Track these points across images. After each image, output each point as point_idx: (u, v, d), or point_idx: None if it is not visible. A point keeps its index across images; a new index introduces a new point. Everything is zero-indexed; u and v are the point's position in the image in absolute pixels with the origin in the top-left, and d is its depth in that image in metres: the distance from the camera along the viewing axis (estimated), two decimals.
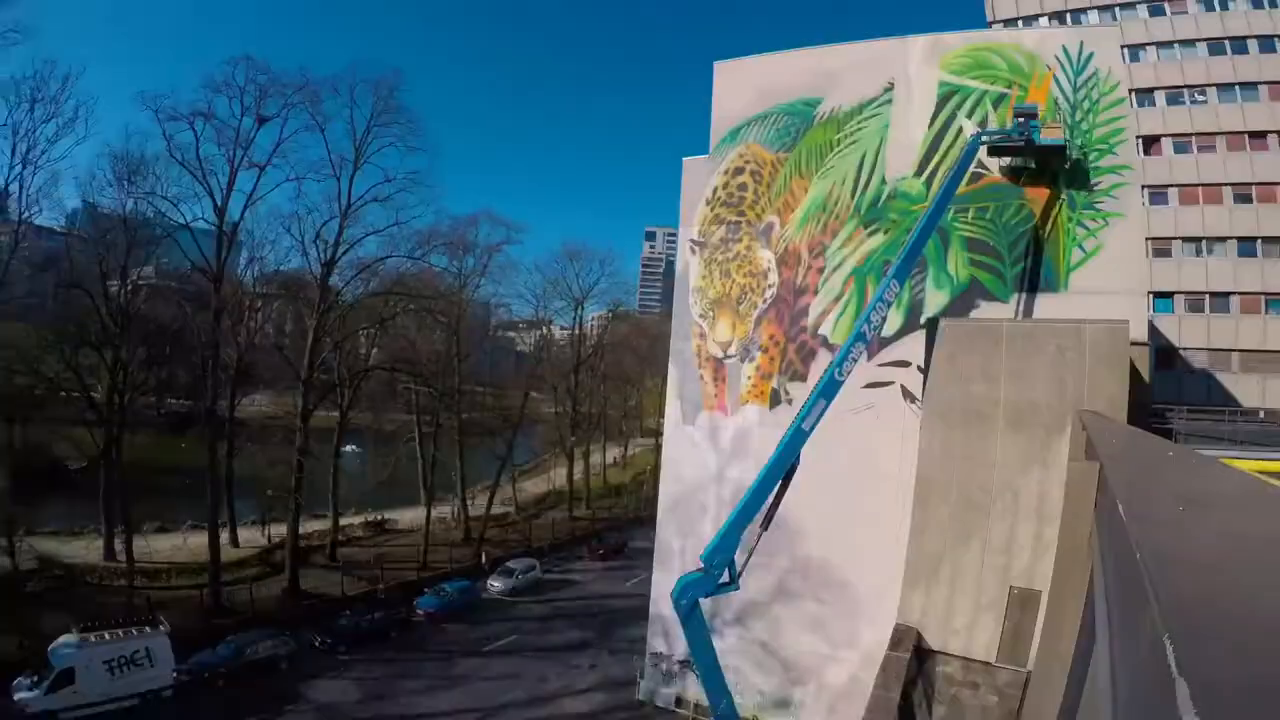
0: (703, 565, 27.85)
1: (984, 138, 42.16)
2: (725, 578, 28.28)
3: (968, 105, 45.27)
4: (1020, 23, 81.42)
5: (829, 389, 31.24)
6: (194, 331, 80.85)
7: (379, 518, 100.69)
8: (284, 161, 79.28)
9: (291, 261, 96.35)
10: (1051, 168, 43.00)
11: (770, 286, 50.26)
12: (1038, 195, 43.01)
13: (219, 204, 73.69)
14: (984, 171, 44.15)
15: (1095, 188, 42.19)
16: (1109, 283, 40.55)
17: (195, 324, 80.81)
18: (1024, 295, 42.73)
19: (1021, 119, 42.16)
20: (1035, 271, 42.62)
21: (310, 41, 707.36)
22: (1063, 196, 42.42)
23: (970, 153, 41.72)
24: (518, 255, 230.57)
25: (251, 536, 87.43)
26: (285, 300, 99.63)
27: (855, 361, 32.93)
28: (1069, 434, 33.05)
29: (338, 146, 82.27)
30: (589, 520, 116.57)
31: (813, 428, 30.39)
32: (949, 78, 45.85)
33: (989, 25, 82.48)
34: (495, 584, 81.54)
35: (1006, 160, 43.89)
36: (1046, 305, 41.88)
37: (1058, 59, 43.69)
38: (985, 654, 35.83)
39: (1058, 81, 43.43)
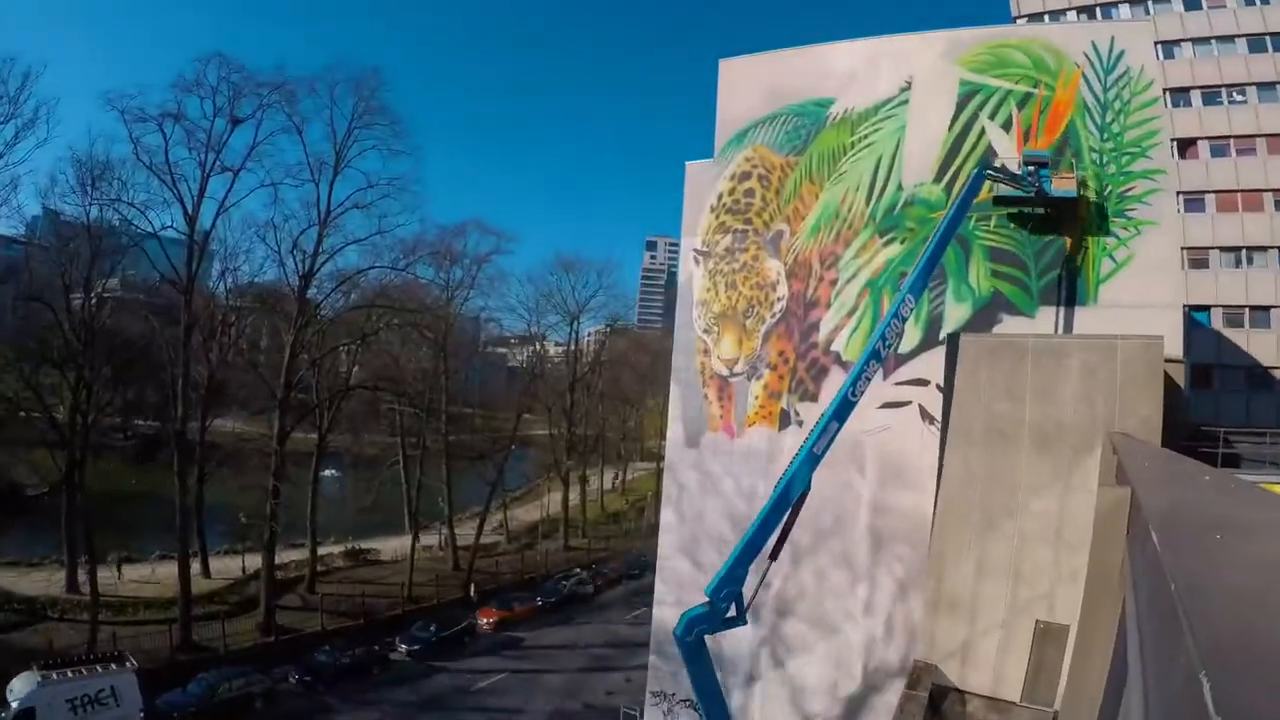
0: (708, 599, 27.46)
1: (988, 171, 41.24)
2: (732, 612, 27.90)
3: (990, 105, 44.79)
4: (1046, 17, 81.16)
5: (842, 411, 30.92)
6: (163, 348, 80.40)
7: (360, 547, 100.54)
8: (259, 166, 79.40)
9: (267, 273, 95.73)
10: (1064, 218, 42.64)
11: (779, 299, 49.90)
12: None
13: (189, 211, 73.80)
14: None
15: (1127, 194, 41.66)
16: (1142, 295, 40.15)
17: (164, 340, 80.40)
18: (1050, 309, 42.35)
19: (1032, 167, 41.91)
20: (1062, 284, 42.30)
21: (289, 40, 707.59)
22: (1092, 203, 42.19)
23: (974, 187, 40.38)
24: (509, 266, 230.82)
25: (224, 567, 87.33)
26: (260, 314, 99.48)
27: (869, 381, 32.58)
28: (1099, 457, 32.87)
29: (316, 150, 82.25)
30: (585, 550, 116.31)
31: (824, 452, 30.12)
32: (970, 76, 45.41)
33: (1013, 20, 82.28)
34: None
35: (1014, 209, 43.60)
36: (1074, 319, 41.63)
37: (1086, 56, 43.09)
38: (1009, 692, 35.64)
39: (1086, 80, 42.87)
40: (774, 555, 29.03)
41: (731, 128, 52.79)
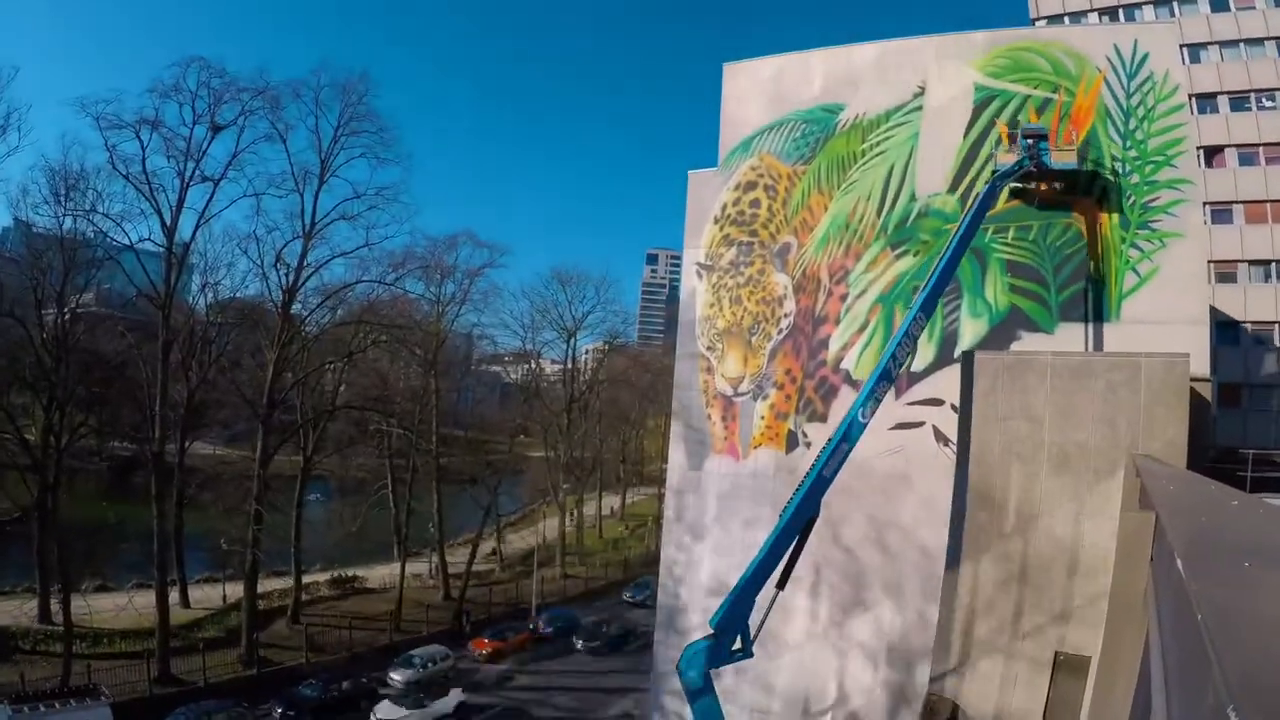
0: (713, 631, 27.32)
1: (998, 177, 40.94)
2: (738, 645, 27.74)
3: (1008, 112, 44.74)
4: (1066, 19, 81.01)
5: (851, 432, 30.66)
6: (140, 366, 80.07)
7: (347, 575, 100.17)
8: (240, 175, 79.03)
9: (249, 287, 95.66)
10: (1068, 192, 42.94)
11: (786, 315, 49.86)
12: (1086, 213, 42.56)
13: (168, 222, 73.41)
14: (1026, 186, 43.70)
15: (1151, 204, 41.54)
16: (1167, 311, 40.01)
17: (141, 357, 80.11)
18: (1071, 325, 42.18)
19: (1030, 140, 41.96)
20: (1084, 299, 42.13)
21: (278, 45, 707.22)
22: (1114, 214, 42.09)
23: (988, 197, 40.10)
24: (503, 281, 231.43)
25: (204, 596, 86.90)
26: (242, 330, 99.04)
27: (879, 402, 32.36)
28: (1121, 480, 32.84)
29: (301, 158, 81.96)
30: (583, 578, 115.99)
31: (834, 475, 29.93)
32: (986, 81, 45.39)
33: (1031, 23, 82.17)
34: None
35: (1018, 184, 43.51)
36: (1096, 336, 41.52)
37: (1108, 60, 43.05)
38: None
39: (1108, 85, 42.82)
40: (781, 584, 28.82)
41: (736, 135, 52.79)
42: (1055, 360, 36.83)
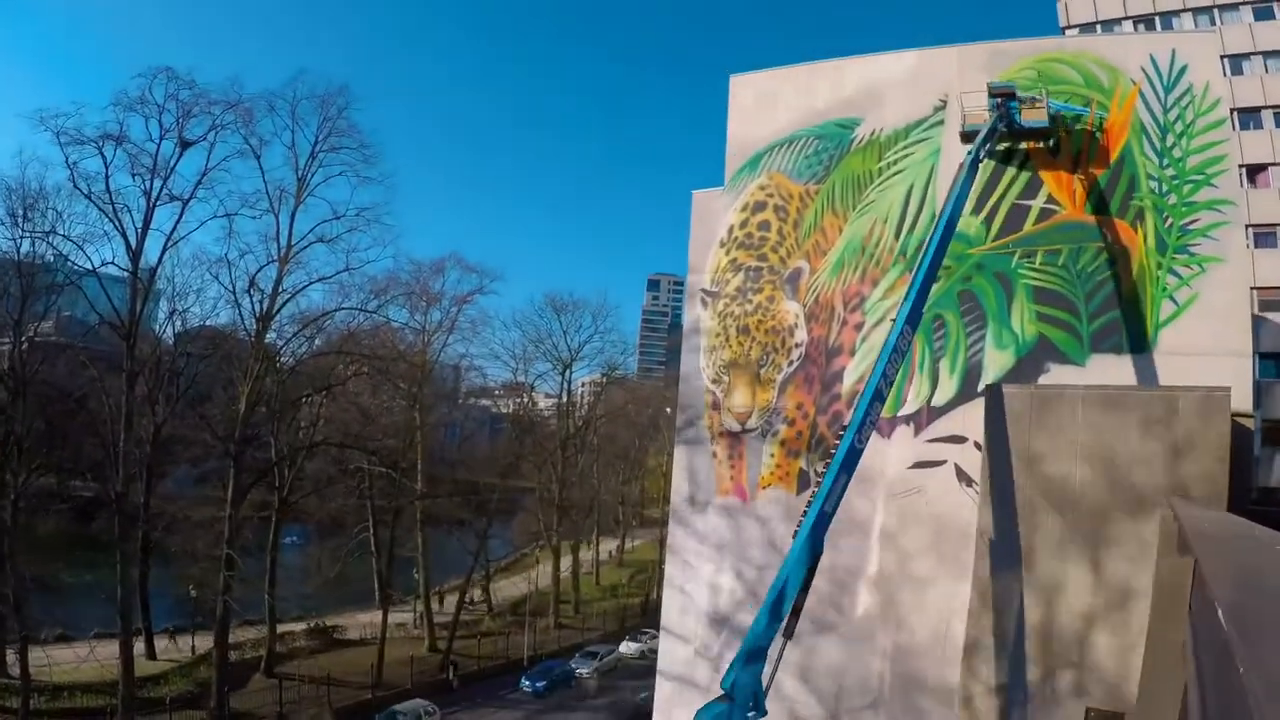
0: (725, 693, 26.60)
1: (977, 144, 40.72)
2: (752, 709, 27.05)
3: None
4: (1098, 28, 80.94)
5: (850, 460, 30.18)
6: (104, 400, 79.57)
7: (326, 624, 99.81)
8: (211, 194, 79.04)
9: (220, 315, 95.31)
10: (1043, 148, 43.18)
11: (797, 345, 49.44)
12: (1119, 235, 41.99)
13: (133, 245, 73.14)
14: (1055, 208, 43.15)
15: (1189, 227, 40.85)
16: (1206, 341, 39.39)
17: (105, 390, 79.61)
18: (1103, 357, 41.64)
19: (1000, 98, 41.86)
20: (1118, 328, 41.62)
21: (260, 59, 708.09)
22: (1149, 237, 41.51)
23: (973, 166, 39.89)
24: (493, 308, 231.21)
25: (172, 646, 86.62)
26: (213, 361, 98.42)
27: (874, 425, 32.27)
28: (1158, 523, 32.62)
29: (276, 176, 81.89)
30: (579, 629, 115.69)
31: (835, 509, 29.64)
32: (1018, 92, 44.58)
33: (1061, 32, 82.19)
34: None
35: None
36: (1130, 368, 40.99)
37: (1144, 71, 42.50)
38: None
39: (1143, 98, 42.33)
40: (789, 633, 28.52)
41: (744, 152, 52.47)
42: (1088, 394, 36.58)
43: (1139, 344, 41.10)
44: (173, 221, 76.68)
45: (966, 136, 42.99)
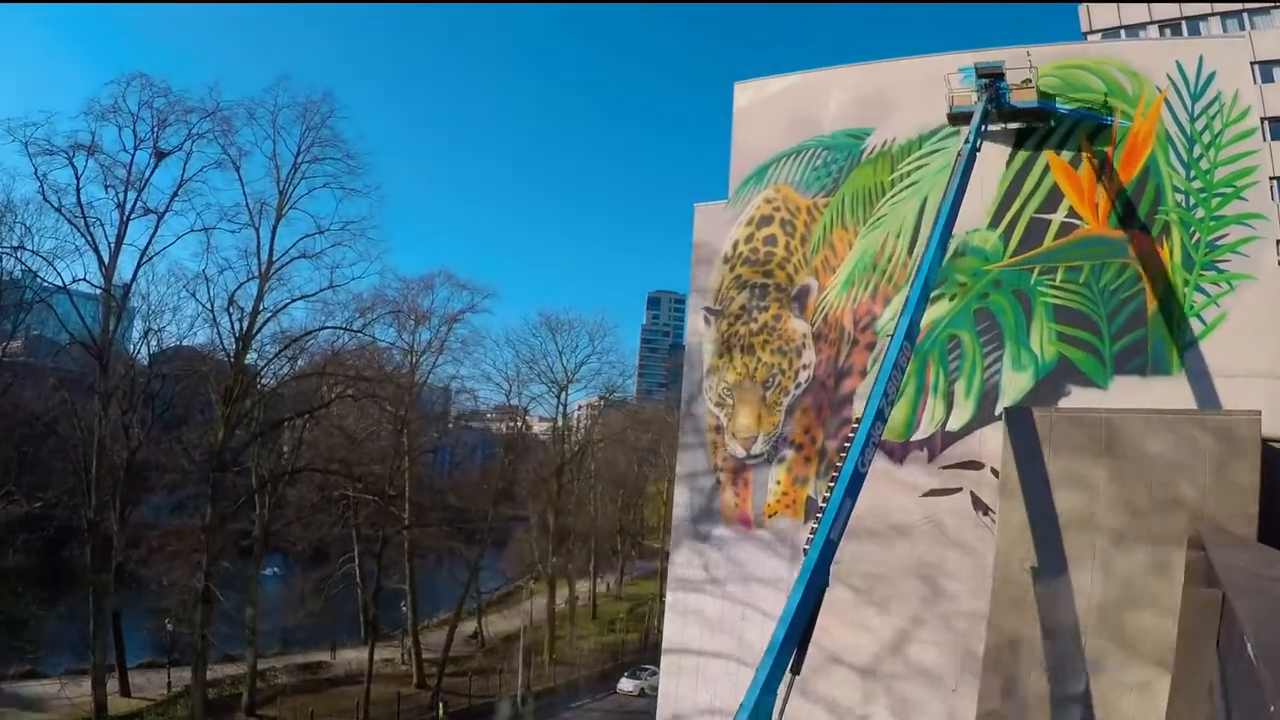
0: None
1: (972, 131, 40.88)
2: None
3: (1056, 137, 43.94)
4: (1122, 33, 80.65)
5: (854, 486, 29.91)
6: (75, 423, 79.10)
7: (309, 660, 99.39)
8: (188, 207, 78.57)
9: (198, 334, 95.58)
10: (1033, 128, 43.55)
11: (805, 367, 49.11)
12: (1144, 251, 41.56)
13: (106, 261, 72.81)
14: (1076, 222, 42.73)
15: (1218, 242, 40.28)
16: (1236, 363, 38.93)
17: (76, 413, 79.11)
18: (1126, 379, 41.08)
19: (986, 80, 42.05)
20: (1142, 349, 41.02)
21: (227, 69, 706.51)
22: (1175, 253, 41.01)
23: (971, 156, 39.93)
24: (486, 327, 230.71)
25: (148, 682, 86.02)
26: (190, 383, 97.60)
27: (876, 447, 31.68)
28: (1184, 554, 32.46)
29: (257, 188, 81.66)
30: (575, 664, 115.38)
31: (840, 536, 29.24)
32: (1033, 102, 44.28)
33: (1083, 37, 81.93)
34: None
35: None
36: (1155, 391, 40.13)
37: (1169, 79, 42.07)
38: None
39: (1169, 107, 41.89)
40: (796, 668, 28.32)
41: (749, 163, 52.35)
42: (1110, 418, 36.35)
43: (1165, 365, 40.57)
44: (147, 236, 76.48)
45: (954, 118, 43.76)
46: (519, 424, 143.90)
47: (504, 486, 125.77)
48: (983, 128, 41.66)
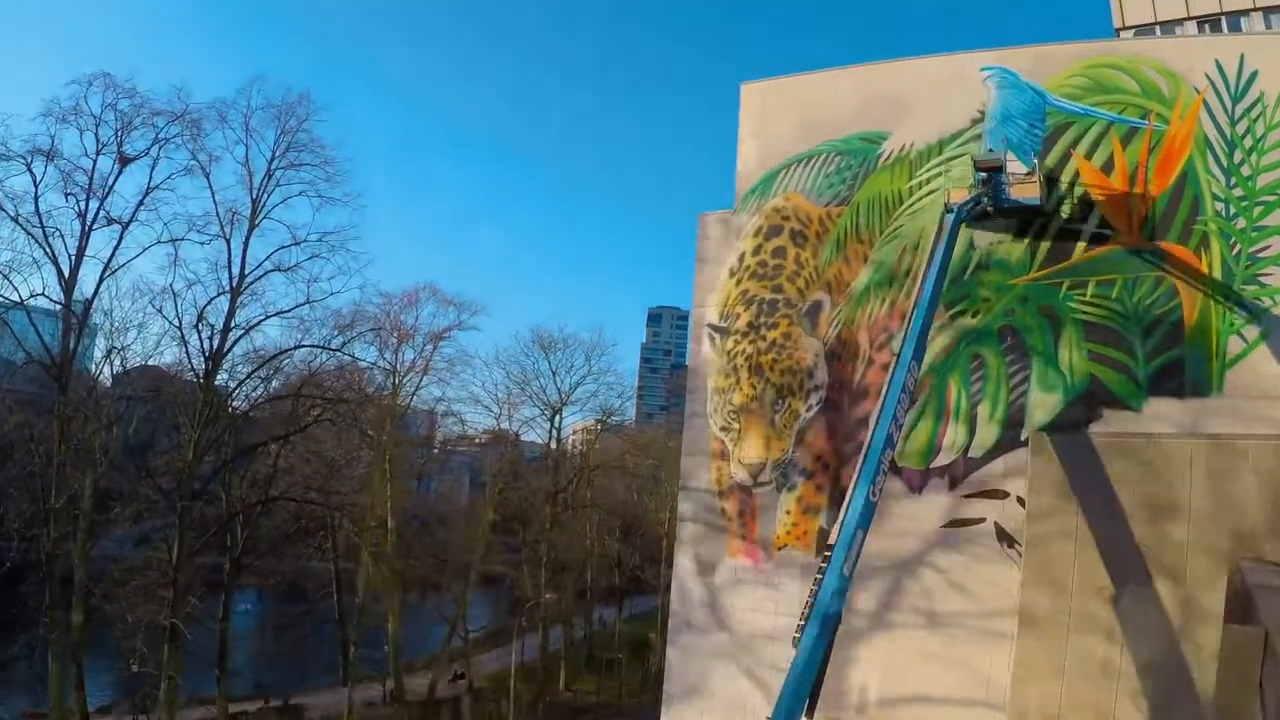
0: None
1: (960, 213, 40.15)
2: None
3: (1086, 142, 42.77)
4: (1158, 29, 79.95)
5: (865, 516, 29.36)
6: (33, 448, 78.50)
7: (285, 703, 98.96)
8: (154, 217, 77.94)
9: (165, 352, 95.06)
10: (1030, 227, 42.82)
11: (817, 388, 48.28)
12: (1181, 264, 40.28)
13: (66, 274, 72.19)
14: (1108, 233, 41.68)
15: (1260, 254, 39.00)
16: (1274, 383, 37.45)
17: (34, 437, 78.55)
18: (1161, 400, 39.53)
19: (985, 175, 41.09)
20: (1179, 369, 39.63)
21: (198, 72, 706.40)
22: (1214, 266, 39.79)
23: (952, 234, 39.34)
24: (474, 346, 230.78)
25: None
26: (157, 405, 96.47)
27: (885, 475, 31.25)
28: (1224, 587, 32.20)
29: (228, 196, 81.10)
30: (569, 706, 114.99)
31: (853, 572, 28.69)
32: (1061, 104, 43.47)
33: (1115, 34, 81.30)
34: None
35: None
36: (1193, 413, 38.86)
37: (1209, 79, 40.91)
38: None
39: (1208, 109, 40.73)
40: (810, 710, 28.20)
41: (757, 170, 51.64)
42: (1145, 444, 36.02)
43: (1203, 387, 39.28)
44: (111, 247, 75.92)
45: (956, 220, 41.53)
46: (509, 450, 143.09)
47: (494, 517, 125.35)
48: (968, 218, 41.31)
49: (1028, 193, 41.20)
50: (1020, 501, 40.26)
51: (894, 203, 47.35)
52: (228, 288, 78.79)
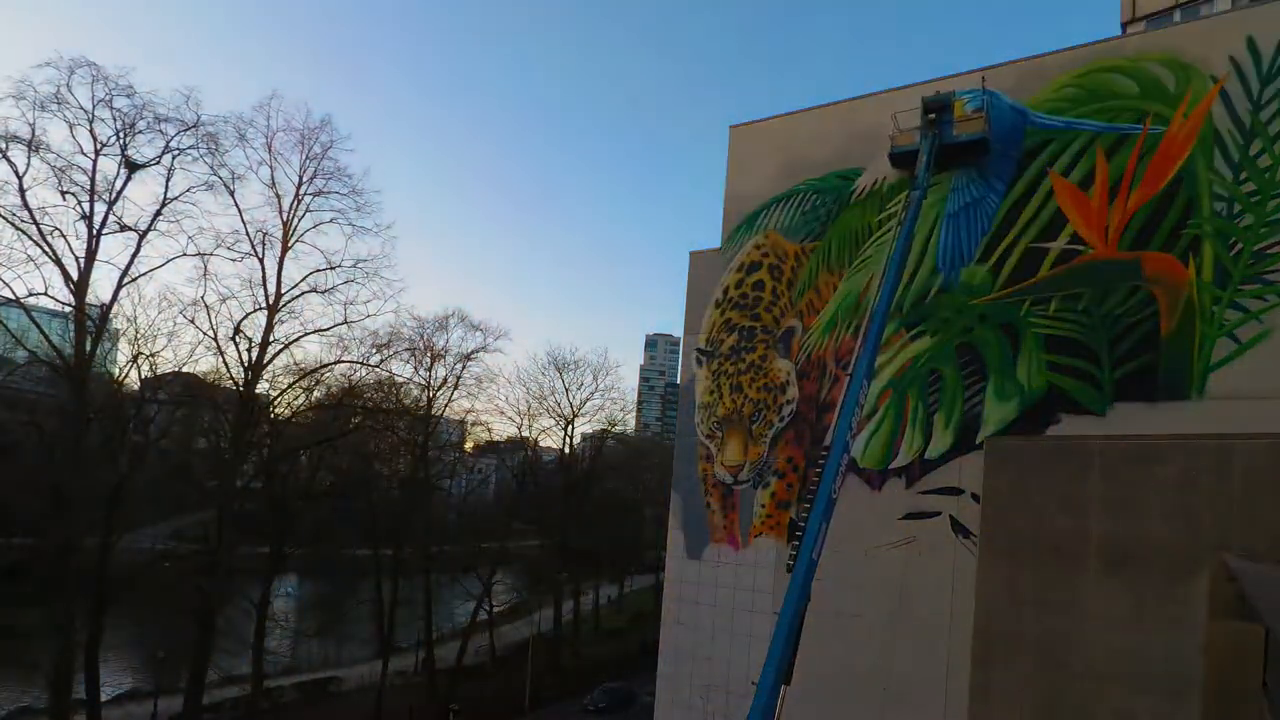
0: None
1: (922, 171, 39.26)
2: None
3: (1065, 158, 39.32)
4: (1178, 13, 72.72)
5: (828, 511, 29.56)
6: (48, 447, 72.50)
7: (319, 678, 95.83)
8: (176, 229, 73.52)
9: (199, 361, 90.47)
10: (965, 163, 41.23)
11: (789, 402, 47.78)
12: (1162, 271, 36.33)
13: (75, 276, 64.17)
14: (1079, 249, 38.35)
15: (1267, 251, 34.56)
16: (1271, 384, 33.46)
17: (42, 435, 73.20)
18: (1128, 405, 36.52)
19: (932, 115, 40.13)
20: (1151, 374, 36.36)
21: (232, 83, 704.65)
22: (1204, 269, 35.57)
23: (922, 197, 38.75)
24: (497, 363, 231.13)
25: (127, 715, 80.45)
26: (194, 410, 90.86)
27: (844, 475, 30.96)
28: (1205, 583, 29.85)
29: (258, 215, 78.03)
30: (577, 673, 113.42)
31: (819, 555, 28.59)
32: (1044, 120, 40.33)
33: (1123, 29, 75.54)
34: None
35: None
36: (1162, 417, 35.65)
37: (1233, 61, 36.11)
38: None
39: (1225, 96, 35.95)
40: (787, 679, 26.57)
41: (741, 209, 50.93)
42: (1105, 446, 34.04)
43: (1179, 390, 35.62)
44: (127, 255, 71.79)
45: (895, 159, 42.05)
46: (528, 454, 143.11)
47: (515, 510, 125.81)
48: (930, 168, 39.90)
49: (971, 128, 39.53)
50: (974, 497, 38.59)
51: (863, 235, 45.66)
52: (264, 305, 73.71)
